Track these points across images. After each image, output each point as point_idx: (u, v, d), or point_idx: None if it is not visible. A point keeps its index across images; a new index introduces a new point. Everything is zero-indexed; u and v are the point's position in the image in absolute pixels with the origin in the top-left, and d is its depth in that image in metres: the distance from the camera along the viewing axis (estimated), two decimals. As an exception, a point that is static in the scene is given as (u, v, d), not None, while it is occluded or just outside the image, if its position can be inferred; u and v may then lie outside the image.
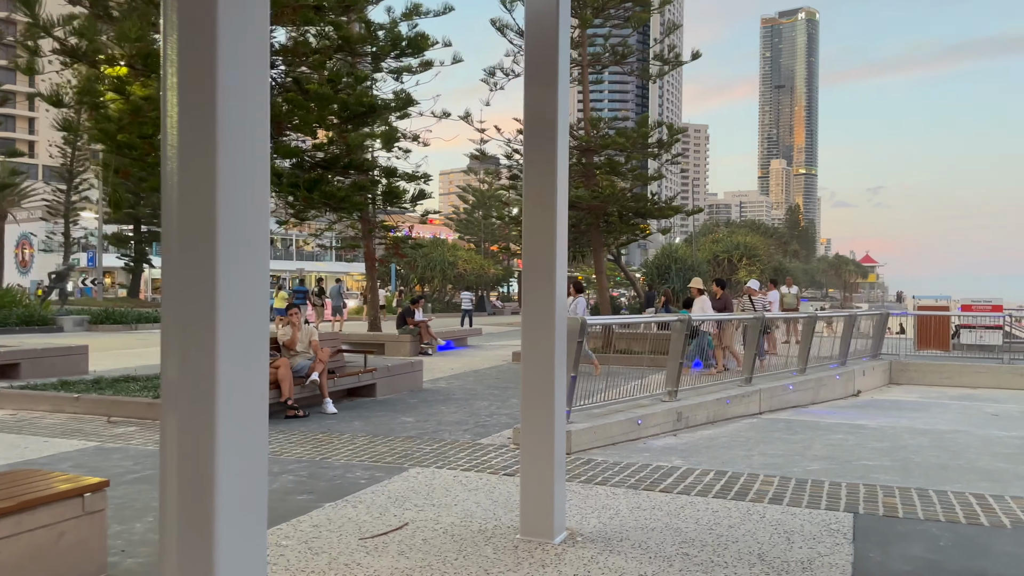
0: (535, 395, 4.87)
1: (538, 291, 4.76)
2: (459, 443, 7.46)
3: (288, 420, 8.80)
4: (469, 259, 50.87)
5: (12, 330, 25.08)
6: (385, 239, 21.77)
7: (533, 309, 4.79)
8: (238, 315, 2.46)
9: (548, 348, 4.78)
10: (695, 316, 14.28)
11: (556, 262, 4.75)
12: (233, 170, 2.44)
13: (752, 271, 48.15)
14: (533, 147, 4.79)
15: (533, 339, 4.81)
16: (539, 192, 4.79)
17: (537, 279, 4.77)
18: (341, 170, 11.03)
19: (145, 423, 8.62)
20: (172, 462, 2.47)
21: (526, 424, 4.92)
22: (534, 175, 4.81)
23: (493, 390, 11.71)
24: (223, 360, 2.40)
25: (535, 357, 4.82)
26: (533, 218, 4.82)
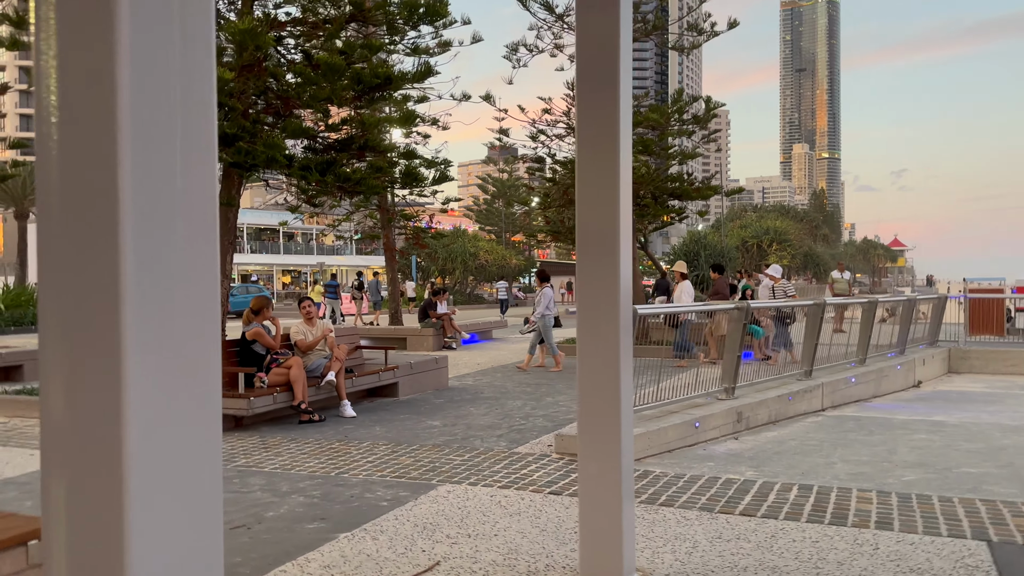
0: (596, 398, 3.90)
1: (598, 271, 3.79)
2: (493, 452, 6.53)
3: (302, 426, 7.92)
4: (491, 250, 49.95)
5: (28, 329, 24.55)
6: (405, 229, 20.91)
7: (592, 293, 3.82)
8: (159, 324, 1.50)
9: (611, 341, 3.81)
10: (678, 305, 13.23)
11: (619, 235, 3.78)
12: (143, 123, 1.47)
13: (783, 256, 46.79)
14: (589, 89, 3.81)
15: (592, 330, 3.84)
16: (596, 147, 3.82)
17: (596, 256, 3.80)
18: (357, 152, 10.09)
19: (144, 431, 7.78)
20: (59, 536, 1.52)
21: (585, 434, 3.96)
22: (590, 125, 3.84)
23: (524, 387, 10.77)
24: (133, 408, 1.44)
25: (595, 352, 3.84)
26: (589, 181, 3.85)
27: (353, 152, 10.51)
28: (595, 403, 3.93)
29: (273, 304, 8.41)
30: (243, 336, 8.13)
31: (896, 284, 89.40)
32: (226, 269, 9.89)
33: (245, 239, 69.28)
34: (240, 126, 8.44)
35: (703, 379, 7.99)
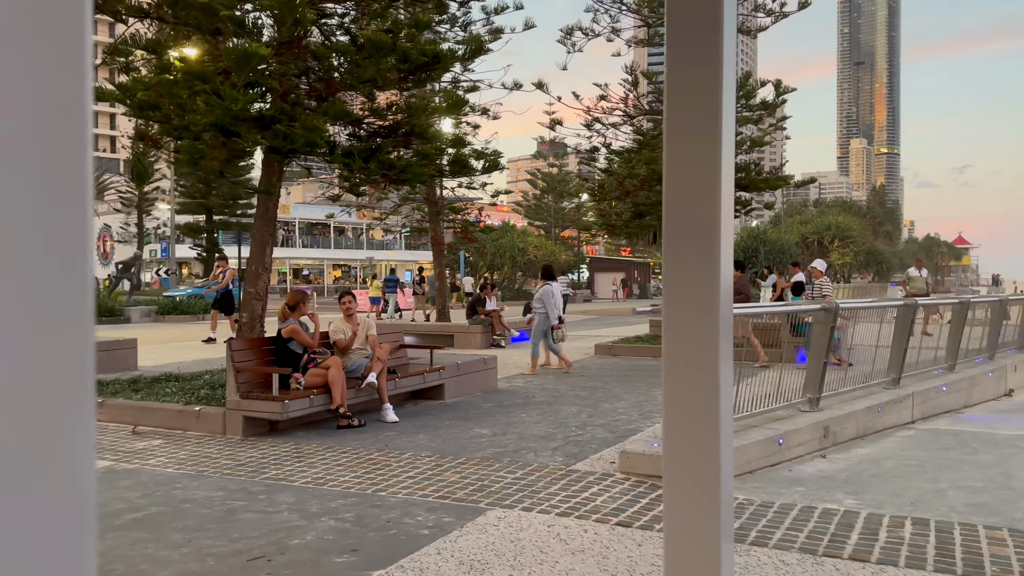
0: (688, 411, 3.05)
1: (692, 264, 3.00)
2: (549, 469, 5.80)
3: (340, 432, 7.31)
4: (540, 245, 49.22)
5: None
6: (453, 223, 20.30)
7: (684, 289, 3.02)
8: None
9: (709, 345, 2.98)
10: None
11: (720, 222, 2.99)
12: None
13: (845, 254, 44.99)
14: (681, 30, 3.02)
15: (685, 331, 3.01)
16: (691, 111, 3.03)
17: (690, 247, 3.00)
18: (403, 138, 9.45)
19: (173, 435, 7.26)
20: None
21: (674, 453, 3.13)
22: (682, 84, 3.04)
23: (579, 391, 10.02)
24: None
25: (689, 357, 2.99)
26: (681, 157, 3.05)
27: (399, 139, 9.88)
28: (687, 417, 3.15)
29: (311, 298, 7.80)
30: (279, 334, 7.55)
31: (961, 283, 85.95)
32: (266, 262, 9.35)
33: (297, 233, 69.82)
34: (279, 108, 7.87)
35: (784, 388, 7.13)
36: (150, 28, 8.20)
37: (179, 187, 49.28)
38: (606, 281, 54.91)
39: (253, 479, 5.62)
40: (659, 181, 14.71)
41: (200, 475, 5.76)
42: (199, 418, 7.35)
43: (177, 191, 49.38)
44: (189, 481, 5.58)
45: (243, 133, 7.39)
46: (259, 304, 9.29)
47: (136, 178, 8.22)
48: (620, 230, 15.24)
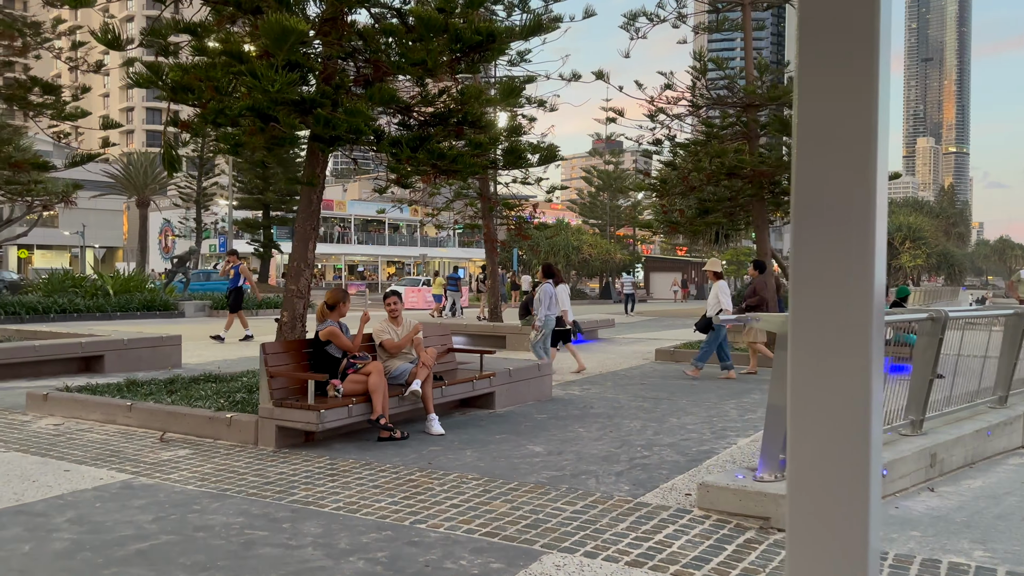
0: (827, 442, 2.27)
1: (834, 257, 2.19)
2: (614, 502, 5.04)
3: (380, 445, 6.67)
4: (594, 243, 48.28)
5: (133, 315, 24.78)
6: (507, 219, 19.62)
7: (822, 289, 2.24)
8: None
9: (857, 356, 2.19)
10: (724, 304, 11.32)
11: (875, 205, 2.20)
12: None
13: (917, 255, 42.83)
14: None
15: (822, 340, 2.22)
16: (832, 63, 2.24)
17: (832, 236, 2.20)
18: (455, 127, 8.79)
19: (202, 443, 6.72)
20: None
21: (803, 495, 2.36)
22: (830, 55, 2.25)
23: (641, 401, 9.22)
24: None
25: (827, 371, 2.22)
26: (818, 127, 2.26)
27: (450, 128, 9.22)
28: (825, 451, 2.37)
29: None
30: (316, 336, 6.95)
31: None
32: (308, 257, 8.79)
33: (353, 230, 70.25)
34: (321, 92, 7.26)
35: (883, 409, 6.21)
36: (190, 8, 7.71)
37: (237, 182, 49.78)
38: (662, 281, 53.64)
39: (279, 502, 5.00)
40: (728, 176, 13.80)
41: (222, 495, 5.16)
42: (230, 426, 6.79)
43: (235, 186, 49.91)
44: (209, 502, 4.99)
45: (281, 117, 6.82)
46: (301, 302, 8.73)
47: (168, 166, 7.86)
48: (684, 228, 14.33)
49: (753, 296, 12.04)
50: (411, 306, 36.57)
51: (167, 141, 7.19)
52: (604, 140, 78.88)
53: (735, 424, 7.80)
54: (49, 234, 72.08)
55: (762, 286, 12.07)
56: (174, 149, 7.22)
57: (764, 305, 11.97)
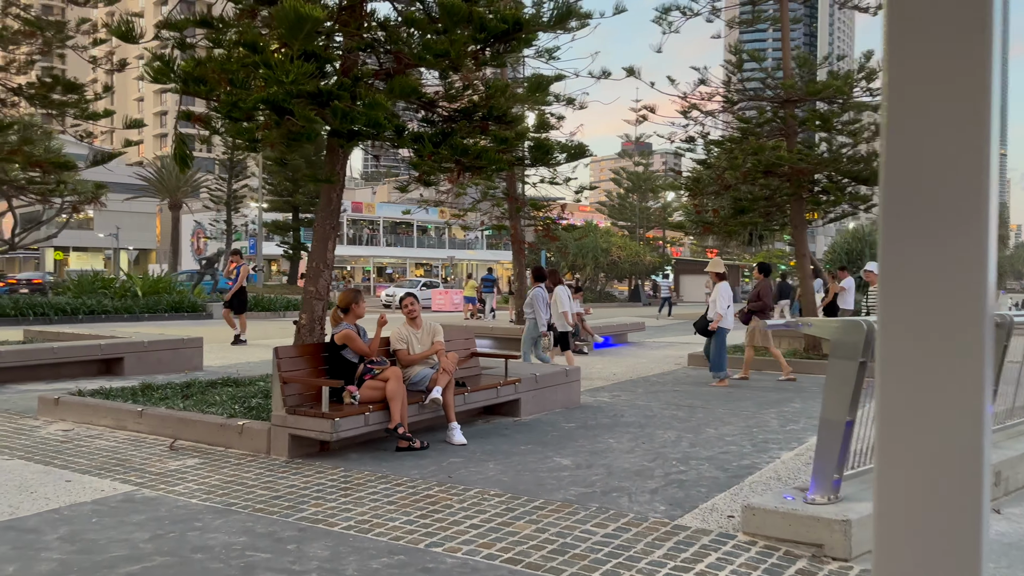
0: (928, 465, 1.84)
1: (948, 256, 1.78)
2: (649, 525, 4.60)
3: (398, 456, 6.29)
4: (623, 245, 47.67)
5: (161, 316, 24.78)
6: (534, 220, 19.22)
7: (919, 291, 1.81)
8: None
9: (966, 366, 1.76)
10: (718, 308, 10.89)
11: (987, 196, 1.76)
12: None
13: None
14: None
15: (921, 346, 1.82)
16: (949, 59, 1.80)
17: (937, 229, 1.79)
18: (480, 123, 8.42)
19: (213, 452, 6.40)
20: None
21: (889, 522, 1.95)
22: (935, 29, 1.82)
23: (674, 409, 8.75)
24: None
25: (925, 384, 1.80)
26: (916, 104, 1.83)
27: (475, 123, 8.85)
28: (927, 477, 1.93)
29: (363, 295, 6.81)
30: (331, 340, 6.60)
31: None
32: (328, 257, 8.47)
33: (381, 232, 70.39)
34: (339, 84, 6.92)
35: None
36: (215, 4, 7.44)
37: (267, 185, 50.02)
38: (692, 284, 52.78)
39: (287, 519, 4.64)
40: (764, 174, 13.26)
41: (227, 510, 4.82)
42: (242, 434, 6.47)
43: (265, 189, 50.16)
44: (212, 519, 4.64)
45: (296, 110, 6.49)
46: (320, 304, 8.40)
47: (179, 162, 7.63)
48: (718, 228, 13.81)
49: (757, 300, 11.59)
50: (438, 308, 36.27)
51: (179, 136, 6.90)
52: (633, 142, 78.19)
53: (776, 436, 7.31)
54: (84, 236, 73.21)
55: (765, 290, 11.60)
56: (186, 145, 6.93)
57: (766, 310, 11.55)
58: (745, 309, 11.68)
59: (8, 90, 11.94)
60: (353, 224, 68.81)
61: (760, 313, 11.42)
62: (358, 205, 69.22)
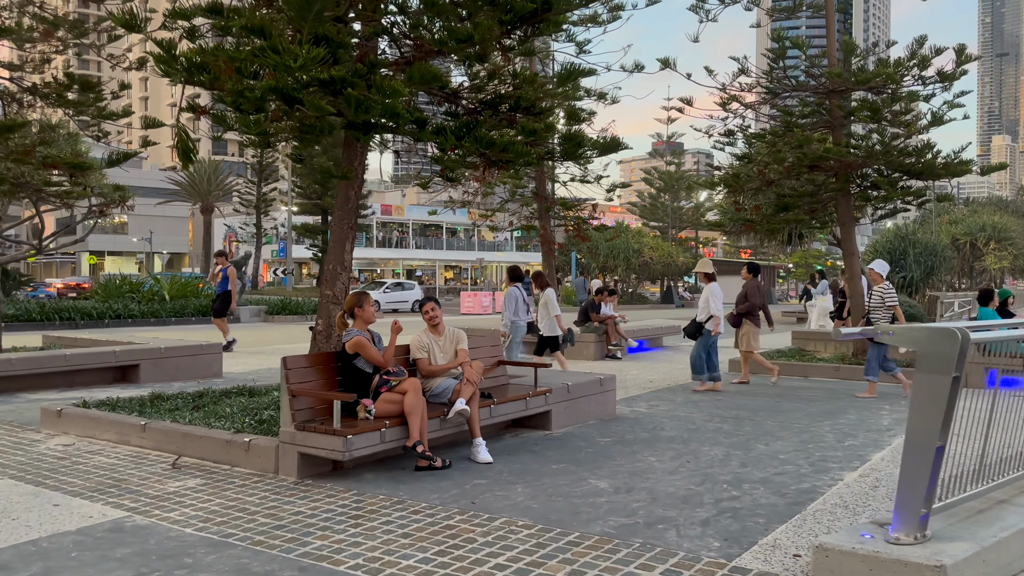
0: None
1: None
2: (702, 567, 3.97)
3: (417, 476, 5.73)
4: (656, 246, 46.81)
5: (188, 320, 24.58)
6: (565, 220, 18.59)
7: None
8: None
9: None
10: (713, 310, 10.26)
11: None
12: None
13: (1003, 257, 40.08)
14: None
15: None
16: None
17: None
18: (506, 115, 7.85)
19: (217, 471, 5.89)
20: None
21: None
22: None
23: (719, 422, 8.08)
24: None
25: None
26: None
27: (502, 115, 8.28)
28: None
29: (370, 297, 6.22)
30: (343, 349, 6.05)
31: None
32: (345, 259, 7.94)
33: (411, 234, 70.25)
34: (354, 70, 6.38)
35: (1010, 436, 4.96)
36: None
37: (296, 188, 49.97)
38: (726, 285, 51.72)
39: (287, 555, 4.09)
40: (810, 168, 12.51)
41: (223, 542, 4.28)
42: (248, 452, 5.95)
43: (294, 192, 50.12)
44: (205, 554, 4.11)
45: (306, 99, 5.96)
46: (337, 309, 7.87)
47: (182, 156, 7.24)
48: (760, 226, 13.07)
49: (745, 302, 10.92)
50: (467, 311, 35.75)
51: (181, 129, 6.41)
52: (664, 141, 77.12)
53: (835, 453, 6.61)
54: (119, 240, 74.11)
55: (754, 291, 10.86)
56: (189, 139, 6.44)
57: (755, 312, 10.89)
58: (734, 312, 11.11)
59: (23, 89, 11.60)
60: (383, 227, 68.74)
61: (749, 316, 10.89)
62: (387, 207, 69.11)
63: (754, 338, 10.90)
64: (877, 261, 10.01)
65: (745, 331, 10.95)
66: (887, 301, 9.65)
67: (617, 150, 8.78)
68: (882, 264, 9.93)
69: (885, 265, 9.95)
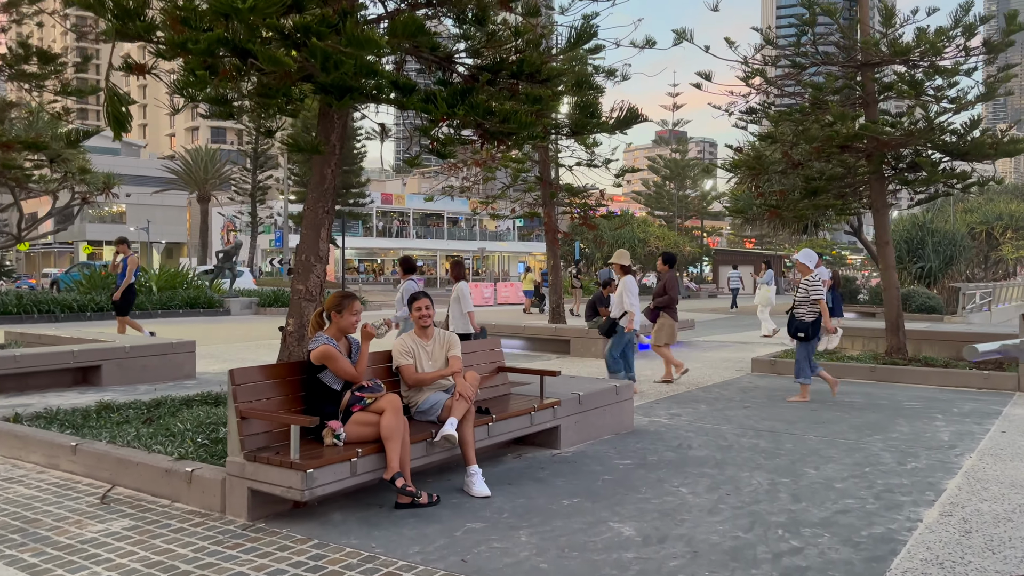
0: None
1: None
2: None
3: (397, 516, 4.64)
4: (661, 235, 45.65)
5: (175, 313, 23.51)
6: (570, 206, 17.47)
7: None
8: None
9: None
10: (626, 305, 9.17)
11: None
12: None
13: (1021, 246, 38.86)
14: None
15: None
16: None
17: None
18: (508, 81, 6.74)
19: (154, 507, 4.81)
20: None
21: None
22: None
23: (753, 436, 6.99)
24: None
25: None
26: None
27: (502, 83, 7.16)
28: None
29: (357, 301, 5.10)
30: (308, 359, 4.95)
31: None
32: (320, 249, 6.84)
33: (411, 224, 69.18)
34: (321, 19, 5.25)
35: None
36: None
37: (293, 176, 48.82)
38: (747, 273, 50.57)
39: (208, 649, 3.00)
40: (843, 148, 11.38)
41: (127, 626, 3.20)
42: (191, 484, 4.86)
43: (290, 180, 48.98)
44: (95, 647, 3.03)
45: (259, 51, 4.86)
46: (311, 306, 6.76)
47: (113, 124, 6.34)
48: (787, 212, 11.94)
49: (663, 295, 10.08)
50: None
51: (111, 92, 5.29)
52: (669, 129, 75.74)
53: (900, 480, 5.52)
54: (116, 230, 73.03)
55: (671, 283, 10.01)
56: (122, 103, 5.32)
57: (673, 305, 10.16)
58: (651, 305, 10.24)
59: (-26, 63, 10.50)
60: (383, 216, 67.62)
61: (667, 308, 10.09)
62: (387, 196, 67.97)
63: (668, 332, 10.20)
64: (804, 251, 9.07)
65: (660, 324, 10.23)
66: (811, 295, 8.72)
67: (636, 122, 7.65)
68: (808, 254, 9.00)
69: (813, 255, 9.03)
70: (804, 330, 8.70)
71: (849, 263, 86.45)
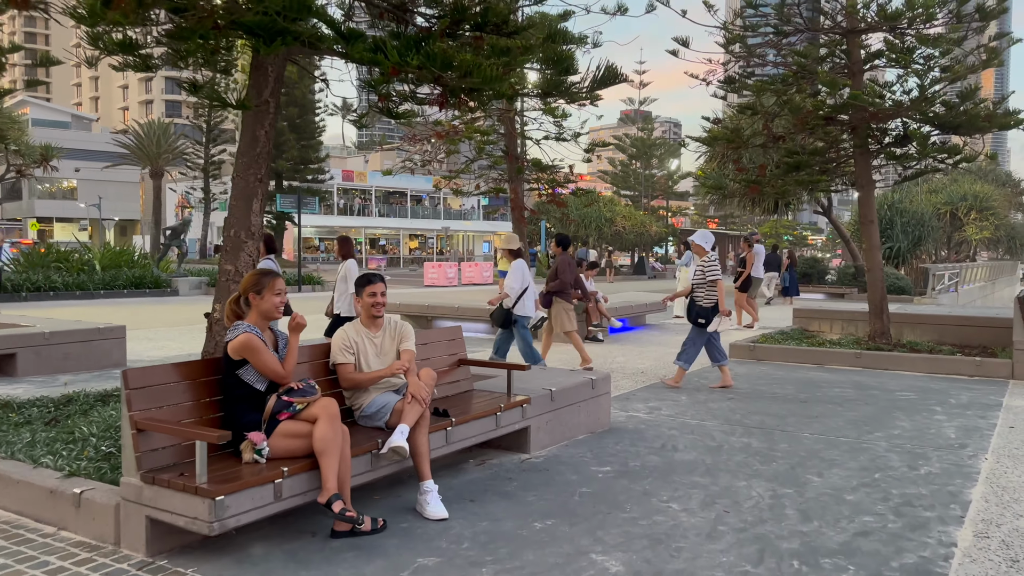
0: None
1: None
2: None
3: (334, 547, 3.81)
4: (628, 215, 45.08)
5: (120, 293, 22.23)
6: (538, 181, 16.62)
7: None
8: None
9: None
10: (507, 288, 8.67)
11: None
12: None
13: (984, 227, 39.01)
14: None
15: None
16: None
17: None
18: (471, 33, 5.87)
19: (33, 537, 3.91)
20: None
21: None
22: None
23: (743, 434, 6.28)
24: None
25: None
26: None
27: (464, 38, 6.29)
28: None
29: (280, 281, 4.20)
30: (225, 353, 4.06)
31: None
32: (252, 224, 5.93)
33: (374, 202, 67.71)
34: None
35: None
36: None
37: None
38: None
39: None
40: (828, 120, 10.71)
41: None
42: (79, 509, 3.97)
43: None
44: None
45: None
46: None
47: None
48: (768, 187, 11.25)
49: (555, 279, 9.45)
50: (431, 282, 33.58)
51: None
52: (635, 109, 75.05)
53: (917, 490, 4.83)
54: (67, 206, 70.35)
55: (564, 267, 9.40)
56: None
57: (566, 290, 9.51)
58: (544, 290, 9.59)
59: None
60: (344, 193, 66.04)
61: (561, 294, 9.47)
62: (349, 173, 66.37)
63: (568, 318, 9.51)
64: (699, 232, 8.55)
65: (556, 311, 9.51)
66: (708, 276, 8.29)
67: (615, 82, 6.86)
68: (705, 235, 8.53)
69: (709, 236, 8.55)
70: (704, 316, 8.27)
71: (810, 243, 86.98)
